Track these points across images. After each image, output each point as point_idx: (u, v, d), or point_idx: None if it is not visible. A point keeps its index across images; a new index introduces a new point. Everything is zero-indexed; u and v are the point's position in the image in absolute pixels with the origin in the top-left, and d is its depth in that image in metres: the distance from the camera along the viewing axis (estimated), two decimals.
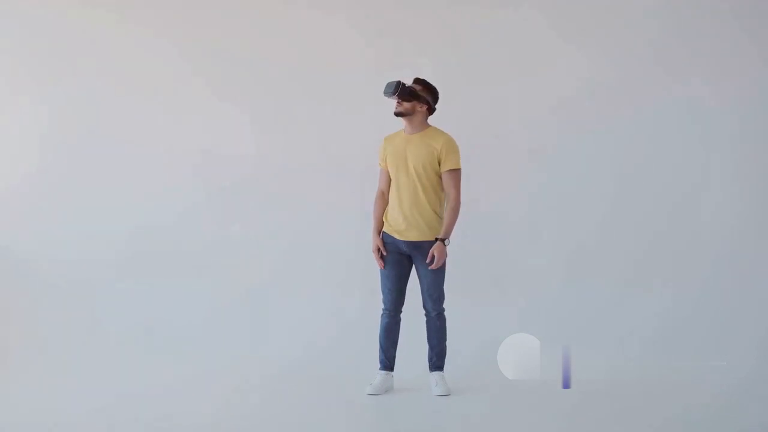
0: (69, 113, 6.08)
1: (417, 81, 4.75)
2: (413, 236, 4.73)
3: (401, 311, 4.83)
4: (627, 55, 5.84)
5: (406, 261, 4.80)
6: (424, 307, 4.82)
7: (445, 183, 4.72)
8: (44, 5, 6.09)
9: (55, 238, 6.03)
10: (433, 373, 4.80)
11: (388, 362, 4.83)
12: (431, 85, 4.75)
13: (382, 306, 4.83)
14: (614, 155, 5.84)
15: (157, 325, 5.79)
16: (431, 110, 4.77)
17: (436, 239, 4.69)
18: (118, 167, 6.06)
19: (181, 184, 6.03)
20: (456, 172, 4.70)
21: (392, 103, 4.73)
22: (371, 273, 4.97)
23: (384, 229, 4.80)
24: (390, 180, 4.80)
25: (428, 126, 4.77)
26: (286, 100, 6.02)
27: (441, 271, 4.75)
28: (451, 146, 4.70)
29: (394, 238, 4.75)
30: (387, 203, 4.82)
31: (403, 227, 4.73)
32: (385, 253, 4.76)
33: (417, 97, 4.69)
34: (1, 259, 6.04)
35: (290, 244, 5.96)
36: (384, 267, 4.79)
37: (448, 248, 4.75)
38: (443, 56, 5.85)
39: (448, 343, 4.84)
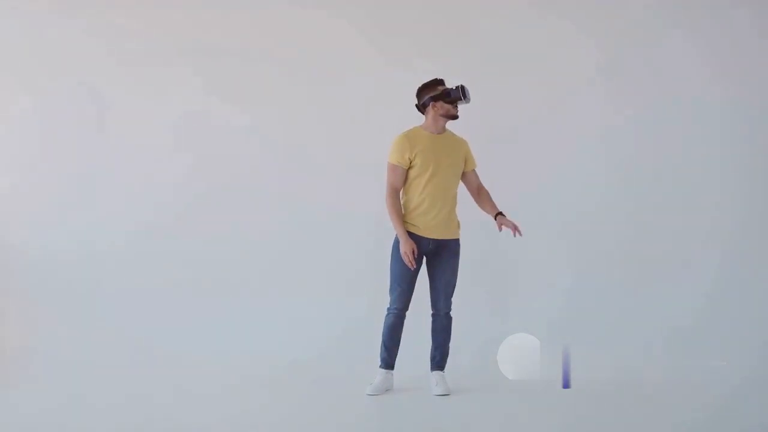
0: (69, 113, 6.09)
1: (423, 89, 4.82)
2: (446, 235, 4.77)
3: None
4: (627, 55, 5.85)
5: (421, 261, 4.80)
6: (435, 305, 4.82)
7: (473, 179, 4.95)
8: (44, 5, 6.09)
9: (55, 238, 6.04)
10: (434, 372, 4.80)
11: (390, 361, 4.82)
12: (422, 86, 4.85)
13: (388, 306, 4.80)
14: (615, 155, 5.84)
15: (158, 325, 5.79)
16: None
17: (498, 214, 4.89)
18: (118, 167, 6.06)
19: (183, 184, 6.03)
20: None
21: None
22: (373, 273, 4.97)
23: (408, 229, 4.74)
24: (406, 179, 4.78)
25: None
26: (289, 100, 6.02)
27: (457, 269, 4.81)
28: (468, 147, 4.93)
29: (419, 237, 4.74)
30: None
31: (436, 225, 4.73)
32: (417, 256, 4.71)
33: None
34: (1, 258, 6.04)
35: (291, 245, 5.96)
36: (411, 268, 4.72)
37: None
38: (444, 56, 5.84)
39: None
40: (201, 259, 5.98)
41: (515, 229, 4.84)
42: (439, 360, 4.82)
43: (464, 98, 4.73)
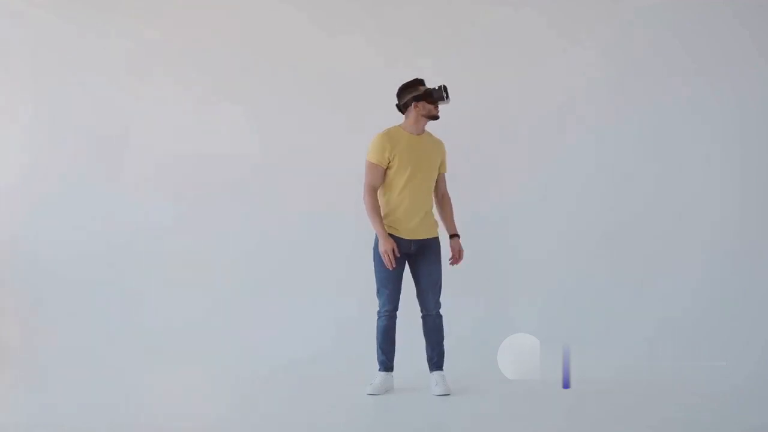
0: (70, 113, 6.09)
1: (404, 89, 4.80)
2: (425, 234, 4.76)
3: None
4: (627, 55, 5.85)
5: (404, 261, 4.80)
6: (424, 306, 4.81)
7: (441, 183, 4.89)
8: (44, 5, 6.09)
9: (55, 238, 6.03)
10: (434, 372, 4.80)
11: (388, 363, 4.82)
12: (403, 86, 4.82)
13: (378, 309, 4.79)
14: (615, 155, 5.85)
15: (156, 325, 5.79)
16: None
17: (453, 235, 4.83)
18: (118, 167, 6.06)
19: (181, 184, 6.03)
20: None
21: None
22: (371, 272, 4.96)
23: (388, 232, 4.72)
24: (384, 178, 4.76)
25: None
26: (286, 100, 6.02)
27: (441, 266, 4.79)
28: (445, 149, 4.89)
29: (399, 238, 4.72)
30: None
31: (415, 226, 4.72)
32: (398, 255, 4.70)
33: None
34: (1, 258, 6.04)
35: (290, 245, 5.96)
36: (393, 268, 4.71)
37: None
38: (444, 56, 5.85)
39: (448, 342, 4.84)
40: (199, 260, 5.97)
41: (456, 259, 4.83)
42: (437, 360, 4.81)
43: (446, 98, 4.70)
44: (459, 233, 4.88)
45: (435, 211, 4.88)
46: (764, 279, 5.68)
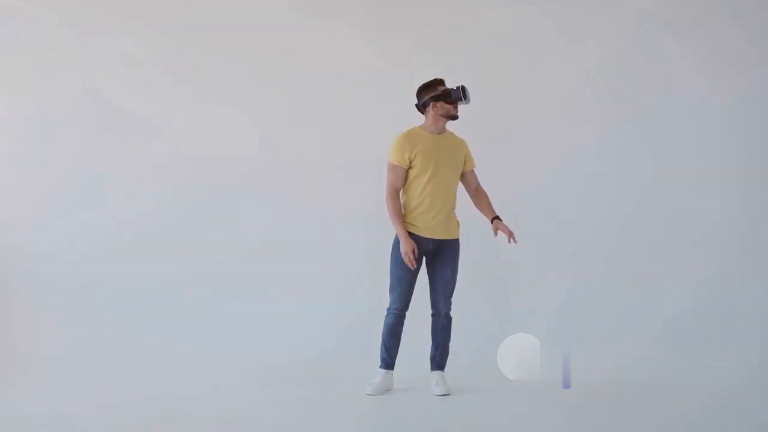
0: (70, 112, 6.08)
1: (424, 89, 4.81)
2: (445, 235, 4.77)
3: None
4: (627, 55, 5.85)
5: (421, 261, 4.80)
6: (434, 306, 4.82)
7: (472, 179, 4.93)
8: (44, 4, 6.09)
9: (55, 238, 6.03)
10: (434, 372, 4.80)
11: (390, 361, 4.82)
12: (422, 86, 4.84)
13: (388, 306, 4.80)
14: (614, 156, 5.85)
15: (158, 325, 5.79)
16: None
17: (495, 218, 4.86)
18: (118, 167, 6.05)
19: (182, 184, 6.02)
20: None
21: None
22: (372, 273, 4.97)
23: (407, 230, 4.73)
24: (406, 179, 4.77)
25: None
26: (288, 100, 6.02)
27: (457, 269, 4.80)
28: (468, 147, 4.92)
29: (419, 237, 4.74)
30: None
31: (435, 225, 4.73)
32: (416, 255, 4.70)
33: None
34: (2, 258, 6.04)
35: (291, 245, 5.96)
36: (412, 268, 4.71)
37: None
38: (444, 56, 5.85)
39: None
40: (201, 259, 5.97)
41: (510, 235, 4.82)
42: (439, 360, 4.82)
43: (464, 99, 4.73)
44: (498, 215, 4.88)
45: (458, 211, 4.87)
46: (764, 279, 5.68)
